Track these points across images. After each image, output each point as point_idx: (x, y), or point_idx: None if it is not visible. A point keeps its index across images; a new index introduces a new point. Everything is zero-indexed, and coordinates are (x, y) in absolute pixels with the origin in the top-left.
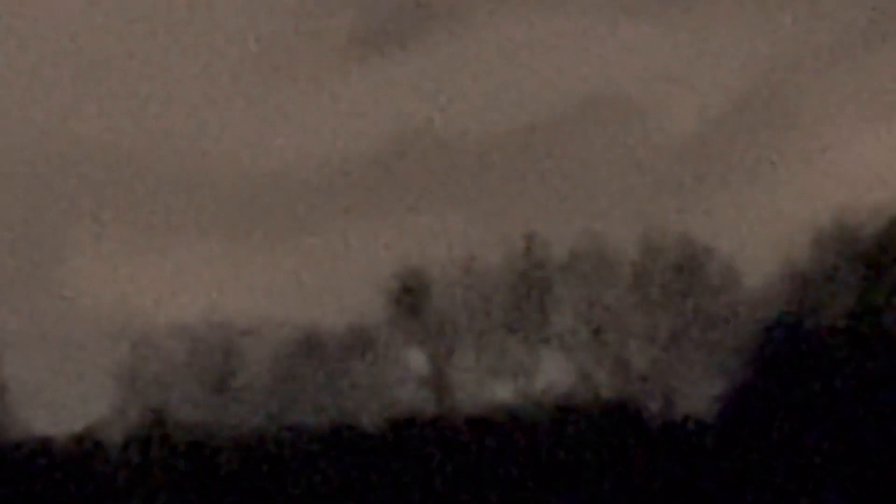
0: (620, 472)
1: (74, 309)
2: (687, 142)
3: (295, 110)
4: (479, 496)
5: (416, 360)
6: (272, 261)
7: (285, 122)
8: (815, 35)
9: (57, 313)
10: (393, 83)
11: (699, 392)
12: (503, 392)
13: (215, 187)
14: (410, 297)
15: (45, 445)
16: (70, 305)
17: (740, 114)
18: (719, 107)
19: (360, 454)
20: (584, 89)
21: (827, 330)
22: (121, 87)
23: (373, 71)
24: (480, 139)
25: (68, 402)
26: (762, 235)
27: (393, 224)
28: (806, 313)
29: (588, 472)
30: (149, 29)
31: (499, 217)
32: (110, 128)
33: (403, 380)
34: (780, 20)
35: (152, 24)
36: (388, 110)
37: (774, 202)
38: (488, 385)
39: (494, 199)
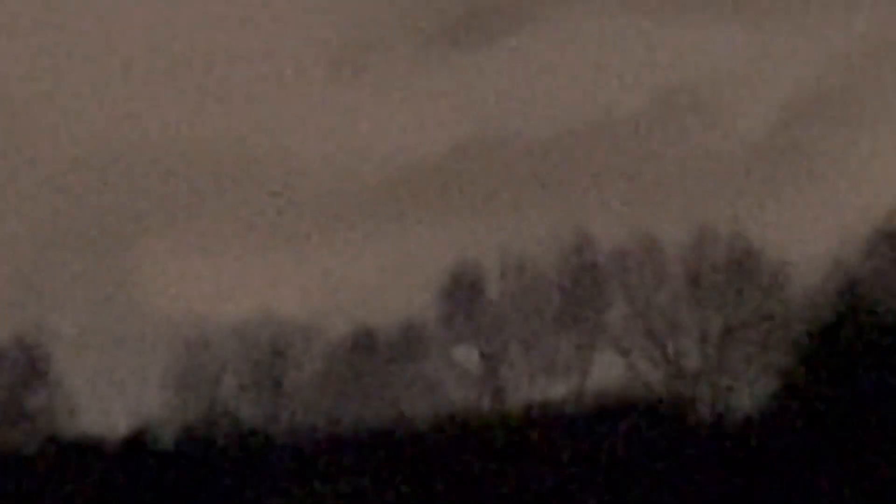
0: (673, 471)
1: (130, 309)
2: (754, 141)
3: (362, 112)
4: (531, 494)
5: (468, 358)
6: (325, 260)
7: (351, 124)
8: (888, 32)
9: (113, 314)
10: (462, 85)
11: (751, 391)
12: (555, 391)
13: (274, 188)
14: (462, 295)
15: (98, 445)
16: (126, 306)
17: (806, 113)
18: (787, 106)
19: (412, 452)
20: (653, 88)
21: (878, 329)
22: (190, 90)
23: (442, 73)
24: (543, 140)
25: (122, 402)
26: (814, 235)
27: (445, 223)
28: (857, 313)
29: (640, 470)
30: (219, 30)
31: (552, 216)
32: (178, 130)
33: (455, 378)
34: (849, 18)
35: (222, 25)
36: (456, 112)
37: (827, 201)
38: (540, 383)
39: (549, 199)
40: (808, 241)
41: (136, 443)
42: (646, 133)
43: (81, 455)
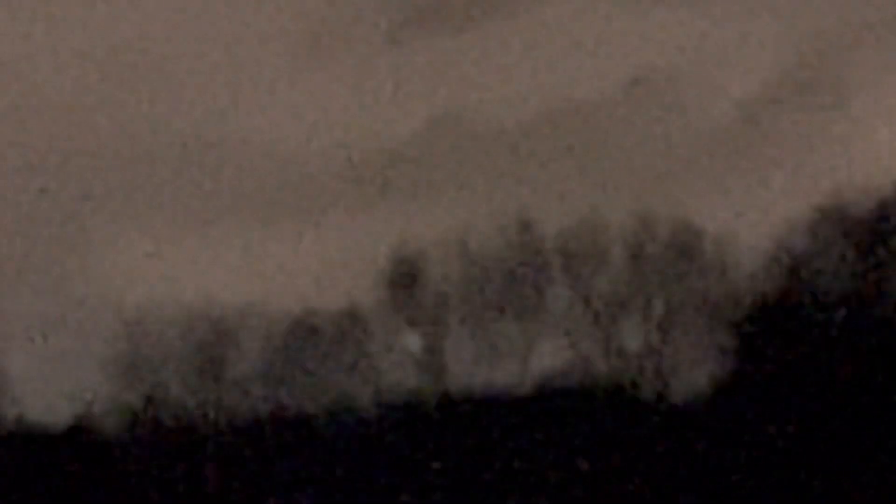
0: (615, 453)
1: (73, 296)
2: (717, 127)
3: (322, 99)
4: (474, 477)
5: (411, 342)
6: (268, 246)
7: (310, 111)
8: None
9: (55, 300)
10: (427, 71)
11: (694, 373)
12: (498, 374)
13: (224, 176)
14: (405, 279)
15: (40, 433)
16: (69, 292)
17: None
18: (754, 92)
19: (354, 437)
20: (621, 74)
21: (820, 311)
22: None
23: (408, 59)
24: (501, 125)
25: (64, 389)
26: (758, 217)
27: (389, 208)
28: (800, 295)
29: (583, 452)
30: (178, 16)
31: (496, 200)
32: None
33: (398, 362)
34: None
35: (182, 10)
36: (419, 98)
37: (775, 185)
38: (483, 367)
39: (494, 183)
40: (751, 223)
41: (79, 430)
42: (608, 118)
43: (23, 443)
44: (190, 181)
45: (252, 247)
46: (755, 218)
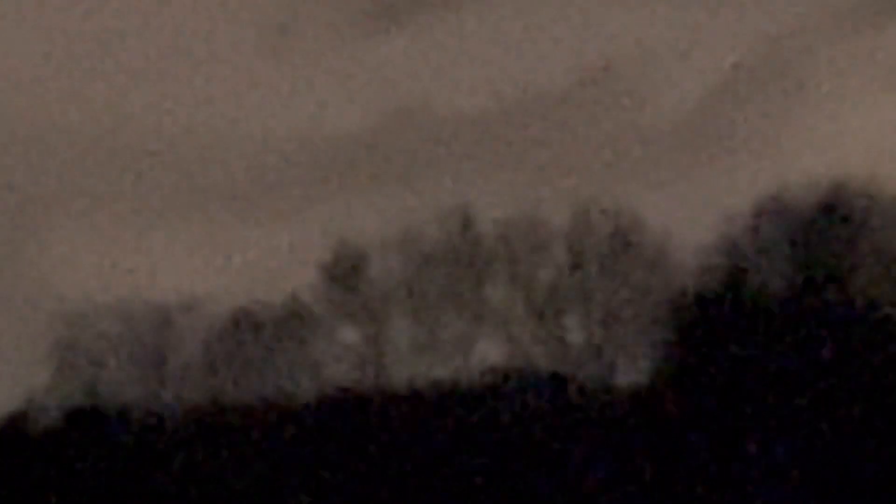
0: (557, 448)
1: (12, 286)
2: (671, 120)
3: (277, 90)
4: (413, 472)
5: (350, 335)
6: (210, 239)
7: (263, 102)
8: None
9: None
10: (385, 61)
11: (635, 366)
12: (438, 368)
13: (169, 167)
14: (344, 272)
15: None
16: (9, 282)
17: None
18: (713, 85)
19: (293, 430)
20: (578, 65)
21: (761, 306)
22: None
23: (365, 49)
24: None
25: (2, 381)
26: (699, 210)
27: (330, 201)
28: (741, 290)
29: (524, 448)
30: (136, 7)
31: (438, 194)
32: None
33: (337, 356)
34: None
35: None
36: (374, 90)
37: (719, 180)
38: (423, 361)
39: (438, 176)
40: (693, 217)
41: (18, 422)
42: (561, 111)
43: None
44: (136, 173)
45: (195, 239)
46: (697, 212)
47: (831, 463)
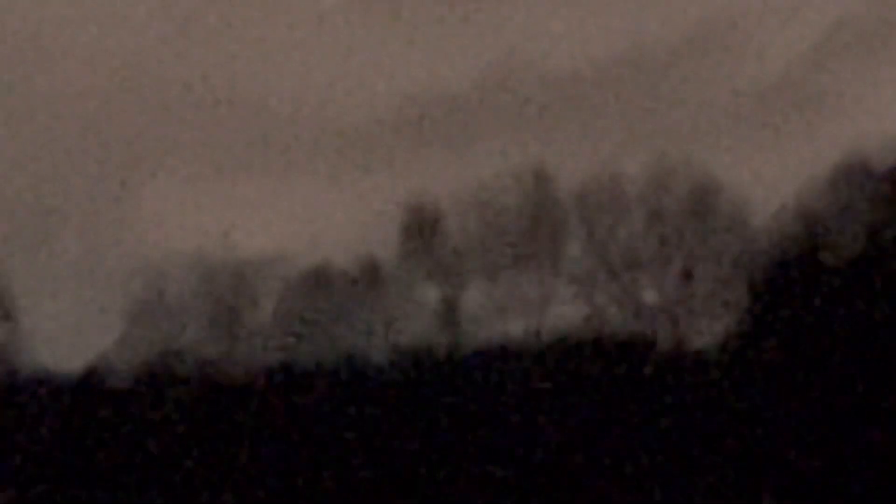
0: (632, 406)
1: (90, 244)
2: (770, 80)
3: (371, 48)
4: (489, 430)
5: (426, 294)
6: (287, 196)
7: (359, 59)
8: None
9: (72, 248)
10: (485, 17)
11: (710, 327)
12: (514, 327)
13: (252, 126)
14: (421, 231)
15: (55, 381)
16: (86, 240)
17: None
18: (819, 44)
19: (369, 389)
20: (684, 23)
21: (838, 266)
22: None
23: (472, 6)
24: (548, 77)
25: (79, 337)
26: (777, 172)
27: (408, 161)
28: (817, 250)
29: (599, 406)
30: None
31: (515, 153)
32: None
33: (414, 314)
34: None
35: None
36: (475, 47)
37: (794, 139)
38: (499, 320)
39: (512, 135)
40: (770, 178)
41: (93, 379)
42: (653, 73)
43: (38, 390)
44: (223, 129)
45: (273, 198)
46: (775, 173)
47: None
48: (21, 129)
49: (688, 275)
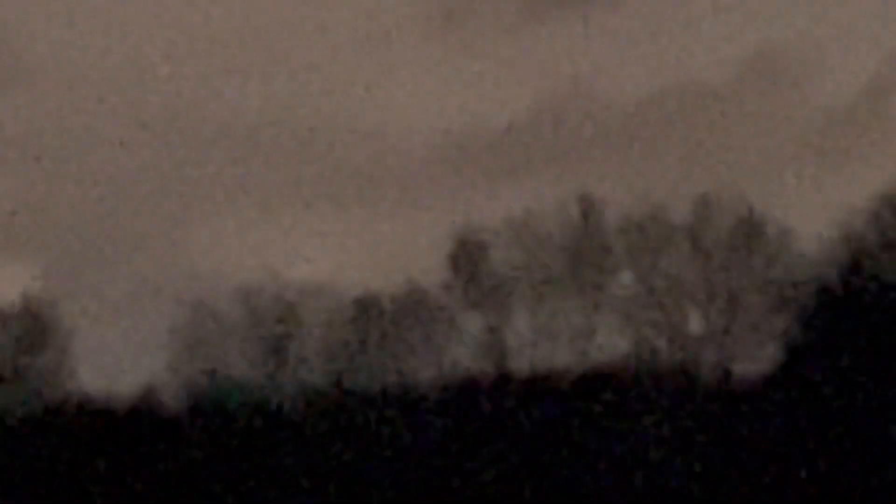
0: (676, 436)
1: (139, 271)
2: (825, 110)
3: (443, 77)
4: (536, 459)
5: (472, 323)
6: (335, 225)
7: (424, 89)
8: None
9: (121, 275)
10: (549, 50)
11: (755, 355)
12: (560, 355)
13: (301, 157)
14: (467, 259)
15: (104, 408)
16: (135, 268)
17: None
18: (874, 76)
19: (416, 417)
20: (739, 55)
21: (881, 297)
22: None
23: (531, 38)
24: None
25: (128, 364)
26: (822, 203)
27: (453, 189)
28: (861, 280)
29: (644, 435)
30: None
31: (561, 182)
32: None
33: (460, 343)
34: None
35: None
36: (533, 79)
37: (840, 170)
38: (545, 348)
39: (560, 164)
40: (815, 209)
41: (142, 406)
42: (708, 101)
43: (87, 418)
44: (274, 167)
45: (321, 226)
46: (818, 202)
47: None
48: (78, 163)
49: (733, 304)
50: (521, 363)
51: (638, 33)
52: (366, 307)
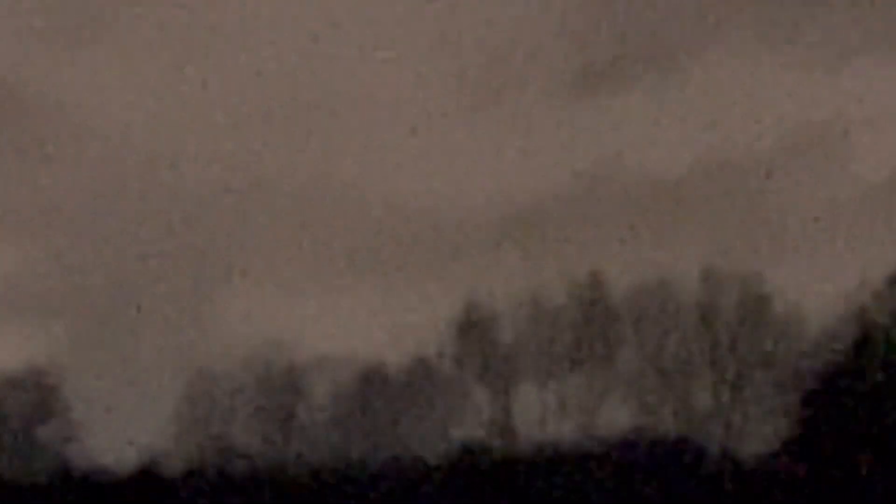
0: None
1: (142, 339)
2: (840, 191)
3: (484, 152)
4: None
5: (479, 395)
6: (342, 296)
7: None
8: None
9: (125, 344)
10: (584, 126)
11: (762, 432)
12: (566, 429)
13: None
14: (474, 332)
15: (108, 476)
16: (138, 336)
17: None
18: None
19: (423, 488)
20: (778, 131)
21: (890, 373)
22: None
23: (570, 114)
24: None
25: (132, 433)
26: (829, 278)
27: (460, 261)
28: (869, 356)
29: None
30: (330, 70)
31: (567, 257)
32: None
33: (466, 415)
34: None
35: (342, 65)
36: (569, 154)
37: (848, 247)
38: (551, 422)
39: (567, 240)
40: (823, 285)
41: (146, 474)
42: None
43: (91, 486)
44: (285, 235)
45: (329, 297)
46: (828, 279)
47: None
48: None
49: (740, 380)
50: (528, 435)
51: (677, 111)
52: (373, 378)
